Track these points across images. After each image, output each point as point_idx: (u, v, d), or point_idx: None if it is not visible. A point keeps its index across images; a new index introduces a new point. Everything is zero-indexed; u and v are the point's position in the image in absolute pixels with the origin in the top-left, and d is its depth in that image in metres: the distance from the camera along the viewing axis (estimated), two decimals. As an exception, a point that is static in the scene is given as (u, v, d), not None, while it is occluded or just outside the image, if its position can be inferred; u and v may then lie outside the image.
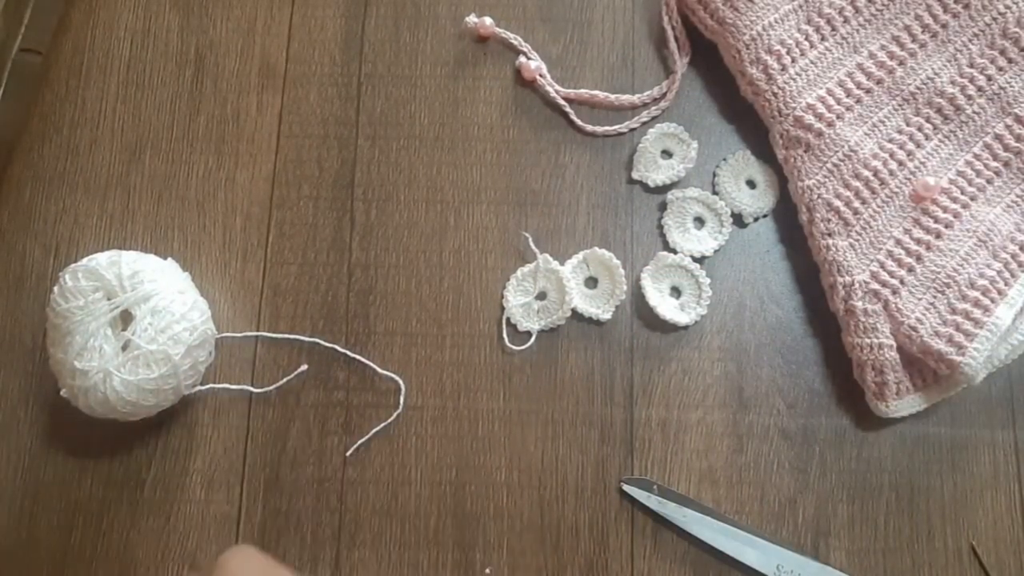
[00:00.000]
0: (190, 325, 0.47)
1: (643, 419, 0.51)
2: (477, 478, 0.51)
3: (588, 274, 0.54)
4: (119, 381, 0.46)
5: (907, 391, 0.50)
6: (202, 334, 0.48)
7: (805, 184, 0.52)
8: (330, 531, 0.50)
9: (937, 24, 0.54)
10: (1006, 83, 0.53)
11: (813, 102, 0.53)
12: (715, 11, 0.54)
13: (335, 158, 0.55)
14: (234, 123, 0.56)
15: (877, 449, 0.51)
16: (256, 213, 0.54)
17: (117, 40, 0.57)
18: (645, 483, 0.50)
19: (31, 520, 0.50)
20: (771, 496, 0.51)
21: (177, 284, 0.49)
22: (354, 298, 0.53)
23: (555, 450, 0.51)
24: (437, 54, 0.57)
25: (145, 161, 0.55)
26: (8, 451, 0.51)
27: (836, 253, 0.51)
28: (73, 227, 0.54)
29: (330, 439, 0.51)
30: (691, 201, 0.54)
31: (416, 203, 0.55)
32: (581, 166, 0.55)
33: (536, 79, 0.56)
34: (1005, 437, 0.52)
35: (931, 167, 0.53)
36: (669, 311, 0.52)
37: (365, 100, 0.56)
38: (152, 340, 0.46)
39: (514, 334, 0.53)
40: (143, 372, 0.46)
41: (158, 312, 0.47)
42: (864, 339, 0.50)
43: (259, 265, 0.54)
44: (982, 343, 0.49)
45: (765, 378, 0.52)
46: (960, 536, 0.50)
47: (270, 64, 0.57)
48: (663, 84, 0.56)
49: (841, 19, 0.54)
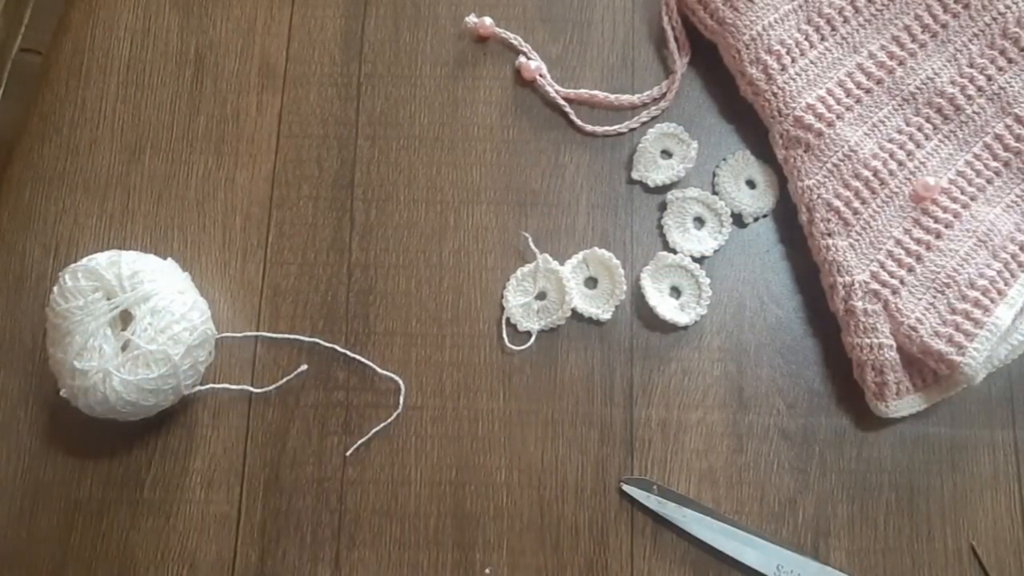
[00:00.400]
0: (190, 325, 0.47)
1: (643, 419, 0.51)
2: (477, 478, 0.51)
3: (588, 274, 0.54)
4: (119, 381, 0.46)
5: (907, 391, 0.50)
6: (202, 334, 0.48)
7: (805, 184, 0.52)
8: (330, 531, 0.50)
9: (937, 24, 0.54)
10: (1006, 83, 0.53)
11: (813, 102, 0.53)
12: (715, 11, 0.54)
13: (335, 158, 0.55)
14: (234, 123, 0.56)
15: (877, 449, 0.51)
16: (256, 213, 0.54)
17: (117, 40, 0.57)
18: (645, 483, 0.50)
19: (31, 520, 0.50)
20: (771, 496, 0.51)
21: (177, 284, 0.49)
22: (354, 298, 0.53)
23: (555, 450, 0.51)
24: (437, 54, 0.57)
25: (145, 161, 0.55)
26: (8, 451, 0.51)
27: (836, 253, 0.51)
28: (73, 227, 0.54)
29: (330, 439, 0.51)
30: (691, 201, 0.54)
31: (416, 203, 0.55)
32: (581, 166, 0.55)
33: (536, 79, 0.56)
34: (1005, 437, 0.52)
35: (931, 167, 0.53)
36: (669, 311, 0.52)
37: (365, 100, 0.56)
38: (152, 340, 0.46)
39: (514, 334, 0.53)
40: (143, 372, 0.46)
41: (158, 312, 0.47)
42: (864, 339, 0.50)
43: (259, 265, 0.54)
44: (982, 343, 0.49)
45: (765, 378, 0.52)
46: (960, 536, 0.50)
47: (270, 64, 0.57)
48: (663, 84, 0.56)
49: (841, 19, 0.54)
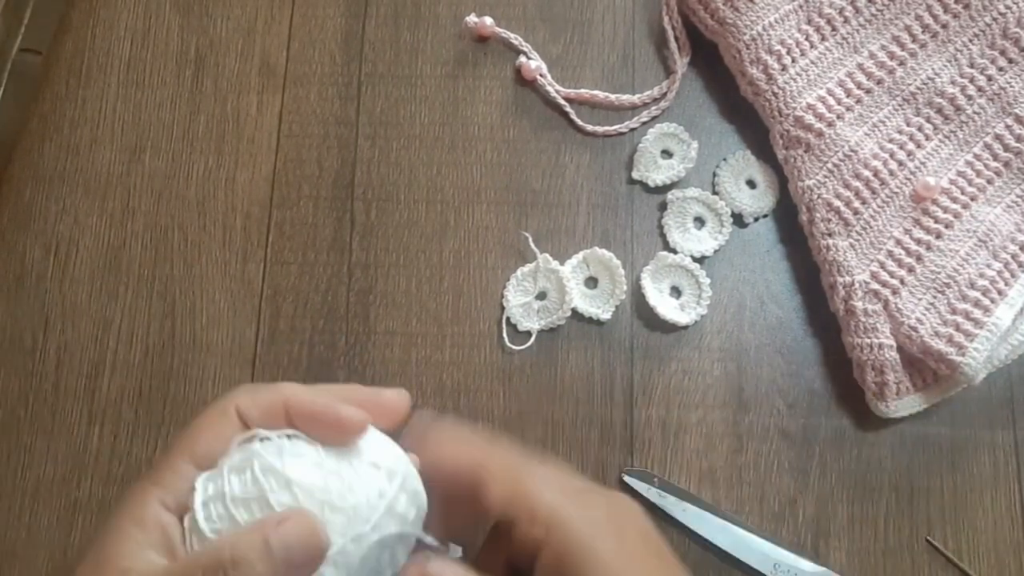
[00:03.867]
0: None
1: (643, 419, 0.51)
2: (477, 478, 0.51)
3: (588, 274, 0.54)
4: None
5: (907, 391, 0.50)
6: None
7: (805, 184, 0.52)
8: (330, 531, 0.50)
9: (937, 24, 0.54)
10: (1006, 83, 0.53)
11: (813, 102, 0.53)
12: (715, 11, 0.54)
13: (335, 158, 0.55)
14: (234, 123, 0.56)
15: (877, 449, 0.51)
16: (256, 213, 0.54)
17: (117, 40, 0.57)
18: (646, 475, 0.50)
19: (31, 519, 0.50)
20: (771, 496, 0.51)
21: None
22: (354, 298, 0.53)
23: (555, 450, 0.51)
24: (437, 54, 0.57)
25: (145, 161, 0.55)
26: (8, 450, 0.51)
27: (836, 253, 0.51)
28: (73, 227, 0.54)
29: (330, 439, 0.51)
30: (691, 201, 0.54)
31: (416, 203, 0.55)
32: (581, 166, 0.55)
33: (536, 79, 0.56)
34: (1005, 437, 0.52)
35: (931, 167, 0.53)
36: (669, 311, 0.52)
37: (365, 100, 0.56)
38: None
39: (514, 334, 0.53)
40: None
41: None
42: (864, 339, 0.50)
43: (259, 265, 0.54)
44: (982, 343, 0.49)
45: (765, 378, 0.52)
46: (960, 536, 0.50)
47: (270, 64, 0.57)
48: (663, 84, 0.56)
49: (841, 19, 0.54)
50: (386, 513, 0.30)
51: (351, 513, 0.29)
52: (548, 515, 0.31)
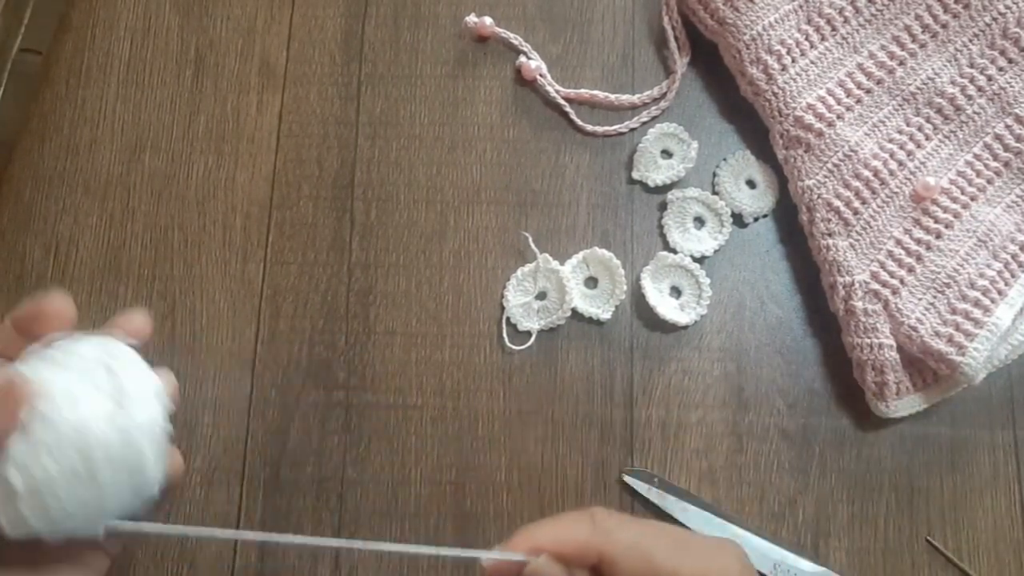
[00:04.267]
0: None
1: (643, 419, 0.51)
2: (477, 478, 0.51)
3: (588, 274, 0.54)
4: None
5: (907, 391, 0.50)
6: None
7: (805, 184, 0.52)
8: (330, 531, 0.50)
9: (937, 24, 0.54)
10: (1006, 83, 0.53)
11: (813, 102, 0.53)
12: (715, 11, 0.54)
13: (335, 158, 0.55)
14: (234, 123, 0.56)
15: (877, 449, 0.51)
16: (256, 213, 0.54)
17: (117, 40, 0.57)
18: (646, 475, 0.50)
19: (31, 520, 0.50)
20: (771, 496, 0.51)
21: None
22: (354, 298, 0.53)
23: (555, 450, 0.51)
24: (437, 54, 0.57)
25: (145, 161, 0.55)
26: (8, 451, 0.51)
27: (836, 253, 0.51)
28: (73, 227, 0.54)
29: (330, 439, 0.51)
30: (691, 201, 0.54)
31: (416, 203, 0.55)
32: (581, 166, 0.55)
33: (536, 79, 0.56)
34: (1005, 437, 0.52)
35: (931, 167, 0.53)
36: (669, 311, 0.52)
37: (365, 100, 0.56)
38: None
39: (514, 334, 0.53)
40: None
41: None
42: (864, 339, 0.50)
43: (259, 265, 0.54)
44: (982, 343, 0.49)
45: (765, 378, 0.52)
46: (960, 536, 0.50)
47: (270, 64, 0.57)
48: (663, 84, 0.56)
49: (841, 19, 0.54)
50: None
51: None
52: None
